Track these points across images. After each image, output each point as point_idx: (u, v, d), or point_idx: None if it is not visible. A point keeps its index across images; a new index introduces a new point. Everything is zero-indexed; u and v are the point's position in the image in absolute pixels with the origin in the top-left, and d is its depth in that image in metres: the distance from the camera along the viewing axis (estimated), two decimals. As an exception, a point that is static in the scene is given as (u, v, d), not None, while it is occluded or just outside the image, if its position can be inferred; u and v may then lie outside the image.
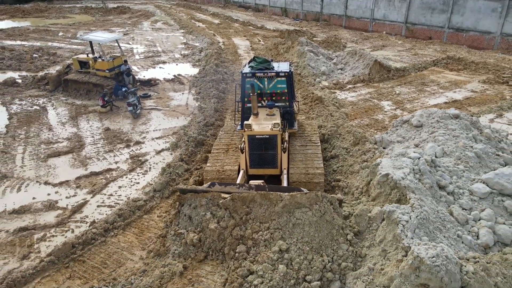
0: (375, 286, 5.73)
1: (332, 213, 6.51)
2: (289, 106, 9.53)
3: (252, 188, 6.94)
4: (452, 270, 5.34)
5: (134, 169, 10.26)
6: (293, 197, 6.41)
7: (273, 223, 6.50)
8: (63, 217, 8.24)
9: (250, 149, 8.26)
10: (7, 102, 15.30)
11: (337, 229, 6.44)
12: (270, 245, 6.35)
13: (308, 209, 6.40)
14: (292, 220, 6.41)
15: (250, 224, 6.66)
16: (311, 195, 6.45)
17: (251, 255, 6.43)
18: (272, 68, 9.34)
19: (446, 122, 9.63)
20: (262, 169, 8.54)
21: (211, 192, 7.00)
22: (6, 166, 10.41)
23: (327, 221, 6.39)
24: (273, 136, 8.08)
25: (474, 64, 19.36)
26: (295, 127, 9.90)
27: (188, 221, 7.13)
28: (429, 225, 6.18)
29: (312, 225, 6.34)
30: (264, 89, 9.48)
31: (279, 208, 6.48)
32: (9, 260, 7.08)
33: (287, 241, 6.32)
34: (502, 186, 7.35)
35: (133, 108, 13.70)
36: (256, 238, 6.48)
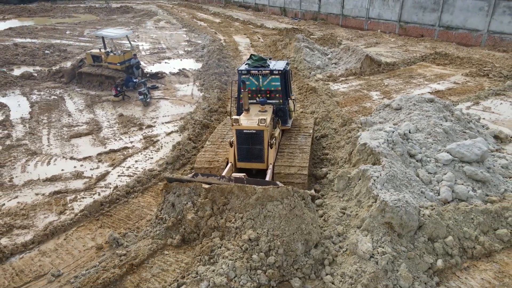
0: (350, 228, 7.10)
1: (302, 208, 6.68)
2: (282, 103, 9.74)
3: (232, 180, 7.18)
4: (411, 211, 6.71)
5: (147, 147, 11.63)
6: (266, 190, 6.61)
7: (246, 214, 6.75)
8: (89, 184, 9.62)
9: (238, 143, 8.57)
10: (27, 93, 16.68)
11: (306, 224, 6.63)
12: (241, 232, 6.64)
13: (279, 203, 6.59)
14: (263, 212, 6.63)
15: (226, 214, 6.95)
16: (283, 189, 6.62)
17: (223, 242, 6.75)
18: (267, 66, 9.60)
19: (422, 105, 11.00)
20: (250, 163, 8.82)
21: (194, 182, 7.31)
22: (35, 145, 11.78)
23: (296, 215, 6.57)
24: (259, 131, 8.33)
25: (459, 59, 20.74)
26: (288, 124, 10.09)
27: (171, 208, 7.49)
28: (396, 181, 7.54)
29: (282, 218, 6.52)
30: (259, 86, 9.70)
31: (253, 200, 6.70)
32: (48, 214, 8.46)
33: (257, 231, 6.55)
34: (462, 155, 8.72)
35: (143, 97, 15.09)
36: (229, 227, 6.79)
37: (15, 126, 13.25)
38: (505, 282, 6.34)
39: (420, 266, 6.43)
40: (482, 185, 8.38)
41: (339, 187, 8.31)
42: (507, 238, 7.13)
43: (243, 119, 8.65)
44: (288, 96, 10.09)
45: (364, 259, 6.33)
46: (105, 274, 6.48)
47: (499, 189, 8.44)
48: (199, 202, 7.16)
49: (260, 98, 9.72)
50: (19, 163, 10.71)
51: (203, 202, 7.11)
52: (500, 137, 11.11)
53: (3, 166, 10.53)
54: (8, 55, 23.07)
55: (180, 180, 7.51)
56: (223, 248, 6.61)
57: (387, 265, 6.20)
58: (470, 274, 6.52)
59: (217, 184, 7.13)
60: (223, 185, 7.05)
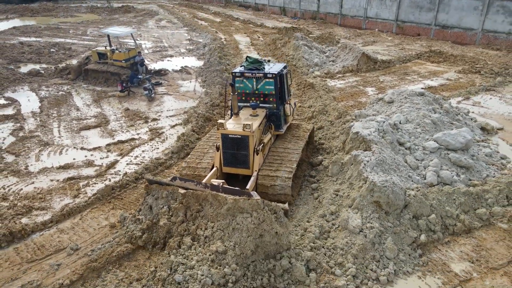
0: (342, 207, 7.76)
1: (271, 222, 6.43)
2: (276, 108, 9.49)
3: (208, 187, 7.05)
4: (397, 191, 7.37)
5: (153, 139, 12.29)
6: (236, 202, 6.41)
7: (217, 224, 6.60)
8: (100, 171, 10.28)
9: (223, 148, 8.39)
10: (35, 89, 17.34)
11: (273, 238, 6.42)
12: (210, 242, 6.52)
13: (249, 215, 6.36)
14: (233, 223, 6.41)
15: (199, 221, 6.86)
16: (253, 202, 6.40)
17: (194, 245, 6.66)
18: (262, 69, 9.35)
19: (412, 98, 11.66)
20: (235, 169, 8.60)
21: (172, 186, 7.25)
22: (47, 136, 12.45)
23: (264, 230, 6.34)
24: (245, 137, 8.09)
25: (453, 57, 21.40)
26: (282, 129, 9.78)
27: (149, 210, 7.50)
28: (385, 165, 8.20)
29: (250, 232, 6.29)
30: (253, 89, 9.51)
31: (224, 211, 6.51)
32: (63, 198, 9.12)
33: (225, 243, 6.35)
34: (448, 143, 9.39)
35: (148, 92, 15.76)
36: (199, 234, 6.71)
37: (27, 119, 13.91)
38: (482, 254, 7.00)
39: (405, 240, 7.09)
40: (466, 170, 9.04)
41: (333, 172, 8.98)
42: (486, 217, 7.79)
43: (231, 123, 8.53)
44: (284, 100, 9.82)
45: (354, 233, 6.99)
46: (119, 248, 7.13)
47: (482, 174, 9.10)
48: (172, 207, 7.13)
49: (254, 101, 9.56)
50: (33, 153, 11.37)
51: (176, 207, 7.08)
52: (486, 128, 11.76)
53: (18, 155, 11.19)
54: (15, 53, 23.73)
55: (160, 182, 7.45)
56: (193, 250, 6.56)
57: (375, 238, 6.86)
58: (451, 248, 7.18)
59: (193, 190, 7.02)
60: (198, 192, 6.93)
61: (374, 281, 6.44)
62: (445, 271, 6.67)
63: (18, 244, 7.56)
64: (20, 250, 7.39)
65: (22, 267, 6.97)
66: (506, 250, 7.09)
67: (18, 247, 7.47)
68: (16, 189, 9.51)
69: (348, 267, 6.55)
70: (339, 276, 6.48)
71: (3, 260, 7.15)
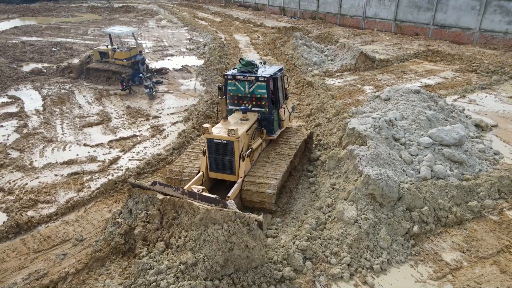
0: (338, 200, 8.02)
1: (242, 235, 6.11)
2: (268, 112, 9.21)
3: (186, 194, 6.82)
4: (391, 184, 7.63)
5: (154, 135, 12.54)
6: (208, 212, 6.17)
7: (190, 234, 6.41)
8: (103, 166, 10.54)
9: (209, 153, 8.20)
10: (38, 87, 17.59)
11: (246, 254, 6.14)
12: (181, 252, 6.37)
13: (220, 227, 6.09)
14: (204, 234, 6.19)
15: (173, 229, 6.70)
16: (225, 212, 6.12)
17: (163, 254, 6.55)
18: (255, 71, 9.12)
19: (408, 95, 11.91)
20: (221, 174, 8.39)
21: (151, 191, 7.13)
22: (50, 133, 12.71)
23: (234, 243, 6.06)
24: (230, 142, 7.87)
25: (450, 56, 21.66)
26: (274, 134, 9.47)
27: (129, 214, 7.37)
28: (380, 160, 8.45)
29: (220, 244, 6.04)
30: (245, 92, 9.27)
31: (197, 220, 6.27)
32: (68, 192, 9.38)
33: (196, 254, 6.16)
34: (442, 139, 9.64)
35: (149, 90, 16.03)
36: (172, 243, 6.58)
37: (30, 117, 14.17)
38: (472, 245, 7.26)
39: (398, 230, 7.35)
40: (459, 165, 9.30)
41: (330, 166, 9.24)
42: (477, 209, 8.05)
43: (218, 127, 8.32)
44: (278, 104, 9.51)
45: (349, 224, 7.25)
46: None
47: (475, 169, 9.36)
48: (148, 214, 7.01)
49: (247, 105, 9.37)
50: (37, 149, 11.62)
51: (152, 214, 6.96)
52: (480, 125, 12.02)
53: (22, 151, 11.45)
54: (17, 52, 23.99)
55: (141, 186, 7.32)
56: (165, 255, 6.49)
57: (369, 229, 7.12)
58: (442, 238, 7.44)
59: (171, 196, 6.84)
60: (175, 198, 6.75)
61: (368, 269, 6.70)
62: (437, 260, 6.92)
63: (25, 235, 7.81)
64: (27, 241, 7.64)
65: (29, 257, 7.22)
66: (496, 240, 7.35)
67: (24, 238, 7.73)
68: (22, 183, 9.77)
69: (343, 256, 6.81)
70: (335, 265, 6.74)
71: (10, 250, 7.40)
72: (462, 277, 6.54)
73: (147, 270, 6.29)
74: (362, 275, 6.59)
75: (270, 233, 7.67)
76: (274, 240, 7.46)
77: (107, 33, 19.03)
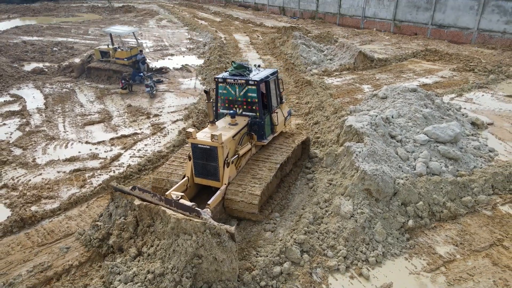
0: (335, 195, 8.19)
1: (211, 247, 5.86)
2: (259, 117, 8.94)
3: (162, 201, 6.64)
4: (387, 180, 7.81)
5: (155, 133, 12.73)
6: (179, 221, 5.97)
7: (162, 243, 6.28)
8: (105, 163, 10.72)
9: (193, 158, 8.02)
10: (40, 86, 17.79)
11: (214, 267, 5.94)
12: (152, 260, 6.26)
13: (190, 237, 5.89)
14: (174, 244, 6.01)
15: (147, 237, 6.57)
16: (194, 223, 5.89)
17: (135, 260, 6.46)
18: (246, 75, 8.88)
19: (405, 94, 12.09)
20: (206, 180, 8.18)
21: (131, 195, 7.00)
22: (53, 131, 12.89)
23: (201, 256, 5.87)
24: (213, 147, 7.68)
25: (448, 55, 21.85)
26: (266, 140, 9.22)
27: (108, 218, 7.27)
28: (376, 156, 8.63)
29: (188, 255, 5.84)
30: (235, 96, 9.07)
31: (169, 229, 6.10)
32: (71, 188, 9.57)
33: (165, 264, 6.01)
34: (437, 136, 9.83)
35: (150, 89, 16.22)
36: (144, 252, 6.48)
37: (32, 115, 14.35)
38: (466, 238, 7.44)
39: (393, 224, 7.53)
40: (454, 162, 9.48)
41: (327, 163, 9.42)
42: (471, 204, 8.24)
43: (204, 131, 8.11)
44: (270, 108, 9.26)
45: (346, 218, 7.43)
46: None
47: (469, 166, 9.54)
48: (123, 222, 6.89)
49: (237, 108, 9.17)
50: (39, 147, 11.80)
51: (127, 222, 6.86)
52: (476, 123, 12.20)
53: (25, 149, 11.63)
54: (18, 52, 24.20)
55: (122, 191, 7.18)
56: (136, 262, 6.41)
57: (365, 223, 7.30)
58: (436, 232, 7.63)
59: (148, 202, 6.67)
60: (151, 205, 6.58)
61: (363, 262, 6.88)
62: (431, 253, 7.10)
63: (29, 229, 8.00)
64: (31, 235, 7.83)
65: (33, 250, 7.41)
66: (489, 234, 7.53)
67: (29, 232, 7.91)
68: (25, 180, 9.95)
69: (340, 249, 6.99)
70: (331, 258, 6.92)
71: (15, 244, 7.58)
72: (455, 269, 6.72)
73: (116, 274, 6.20)
74: (358, 267, 6.77)
75: (269, 227, 7.84)
76: (273, 234, 7.65)
77: (108, 32, 19.23)
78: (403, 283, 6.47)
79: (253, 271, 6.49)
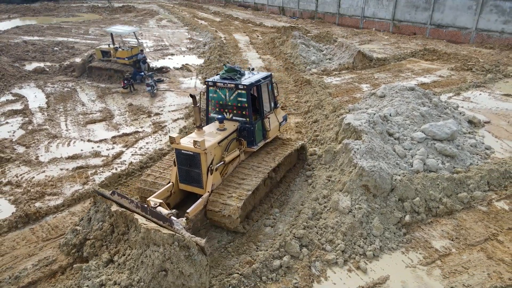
0: (334, 191, 8.36)
1: (179, 261, 5.59)
2: (249, 122, 8.61)
3: (139, 208, 6.46)
4: (384, 176, 7.98)
5: (156, 132, 12.89)
6: (149, 232, 5.75)
7: (132, 252, 6.10)
8: (107, 161, 10.88)
9: (177, 163, 7.82)
10: (41, 85, 17.94)
11: (181, 282, 5.64)
12: (121, 270, 6.11)
13: (158, 249, 5.66)
14: (143, 256, 5.85)
15: (121, 245, 6.44)
16: (163, 235, 5.63)
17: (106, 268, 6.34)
18: (237, 78, 8.57)
19: (403, 93, 12.26)
20: (190, 186, 7.94)
21: (110, 201, 6.88)
22: (55, 130, 13.05)
23: (167, 269, 5.63)
24: (196, 154, 7.43)
25: (446, 55, 22.02)
26: (256, 146, 8.86)
27: (87, 223, 7.20)
28: (374, 153, 8.79)
29: (155, 268, 5.65)
30: (225, 100, 8.76)
31: (140, 239, 5.90)
32: (74, 185, 9.73)
33: (132, 276, 5.84)
34: (434, 133, 9.99)
35: (151, 88, 16.38)
36: (114, 260, 6.37)
37: (35, 114, 14.51)
38: (461, 233, 7.60)
39: (390, 220, 7.70)
40: (451, 159, 9.65)
41: (326, 160, 9.58)
42: (467, 200, 8.41)
43: (190, 136, 7.86)
44: (262, 114, 8.96)
45: (344, 213, 7.59)
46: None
47: (466, 163, 9.71)
48: (100, 227, 6.84)
49: (228, 113, 8.87)
50: (42, 145, 11.96)
51: (102, 230, 6.79)
52: (473, 122, 12.37)
53: (28, 147, 11.79)
54: (19, 51, 24.34)
55: (103, 195, 7.06)
56: (107, 269, 6.29)
57: (363, 218, 7.47)
58: (433, 227, 7.79)
59: (124, 209, 6.50)
60: (127, 211, 6.39)
61: (361, 255, 7.05)
62: (427, 247, 7.27)
63: (33, 225, 8.17)
64: (36, 230, 7.99)
65: (38, 245, 7.57)
66: (484, 229, 7.70)
67: (33, 227, 8.08)
68: (29, 177, 10.11)
69: (338, 243, 7.16)
70: (329, 251, 7.09)
71: (20, 239, 7.75)
72: (450, 262, 6.89)
73: (85, 279, 6.12)
74: (356, 261, 6.93)
75: (269, 222, 8.01)
76: (272, 229, 7.82)
77: (109, 32, 19.37)
78: (399, 276, 6.64)
79: (253, 265, 6.66)
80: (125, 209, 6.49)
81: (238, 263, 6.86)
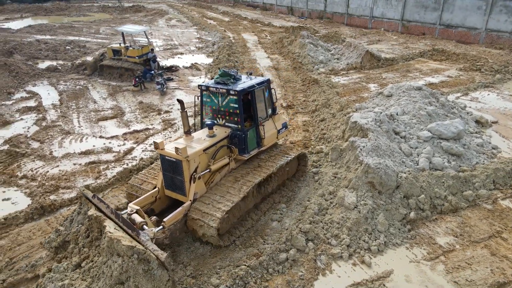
0: (340, 187, 8.52)
1: (136, 275, 5.33)
2: (240, 129, 8.30)
3: (113, 213, 6.25)
4: (389, 173, 8.11)
5: (166, 129, 13.16)
6: (111, 241, 5.50)
7: (99, 260, 5.94)
8: (118, 157, 11.18)
9: (162, 169, 7.67)
10: (54, 83, 18.37)
11: None
12: (84, 277, 5.95)
13: (118, 260, 5.44)
14: (105, 265, 5.65)
15: (92, 251, 6.32)
16: (123, 246, 5.37)
17: (74, 272, 6.23)
18: (229, 83, 8.22)
19: (410, 92, 12.34)
20: (174, 193, 7.75)
21: (90, 203, 6.79)
22: (68, 126, 13.41)
23: (124, 282, 5.43)
24: (178, 161, 7.21)
25: (455, 55, 21.96)
26: (247, 154, 8.47)
27: (69, 224, 7.10)
28: (380, 151, 8.93)
29: (112, 279, 5.45)
30: (218, 106, 8.49)
31: (106, 247, 5.70)
32: (87, 179, 10.04)
33: (92, 285, 5.70)
34: (440, 133, 10.08)
35: (161, 87, 16.69)
36: (82, 266, 6.25)
37: (48, 111, 14.90)
38: (466, 230, 7.71)
39: (395, 216, 7.83)
40: (457, 158, 9.73)
41: (333, 157, 9.73)
42: (472, 198, 8.50)
43: (177, 142, 7.69)
44: (256, 120, 8.59)
45: (349, 209, 7.75)
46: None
47: (472, 162, 9.79)
48: (74, 234, 6.75)
49: (220, 119, 8.61)
50: (56, 140, 12.32)
51: (80, 233, 6.72)
52: (481, 121, 12.40)
53: (42, 142, 12.15)
54: (32, 50, 24.86)
55: (86, 196, 6.95)
56: (73, 273, 6.17)
57: (368, 213, 7.62)
58: (437, 224, 7.91)
59: (100, 214, 6.37)
60: (101, 217, 6.24)
61: (366, 250, 7.20)
62: (431, 243, 7.40)
63: (49, 217, 8.48)
64: (51, 221, 8.30)
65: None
66: (488, 227, 7.79)
67: (48, 219, 8.39)
68: (43, 171, 10.44)
69: (343, 238, 7.32)
70: (335, 246, 7.25)
71: (36, 229, 8.06)
72: (454, 258, 7.01)
73: (49, 282, 6.03)
74: (360, 255, 7.09)
75: (276, 217, 8.20)
76: (279, 224, 8.01)
77: (120, 31, 19.75)
78: (403, 271, 6.78)
79: (260, 257, 6.86)
80: (102, 214, 6.34)
81: (246, 256, 7.07)
